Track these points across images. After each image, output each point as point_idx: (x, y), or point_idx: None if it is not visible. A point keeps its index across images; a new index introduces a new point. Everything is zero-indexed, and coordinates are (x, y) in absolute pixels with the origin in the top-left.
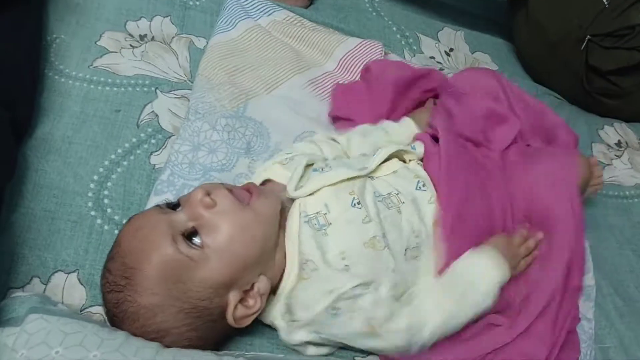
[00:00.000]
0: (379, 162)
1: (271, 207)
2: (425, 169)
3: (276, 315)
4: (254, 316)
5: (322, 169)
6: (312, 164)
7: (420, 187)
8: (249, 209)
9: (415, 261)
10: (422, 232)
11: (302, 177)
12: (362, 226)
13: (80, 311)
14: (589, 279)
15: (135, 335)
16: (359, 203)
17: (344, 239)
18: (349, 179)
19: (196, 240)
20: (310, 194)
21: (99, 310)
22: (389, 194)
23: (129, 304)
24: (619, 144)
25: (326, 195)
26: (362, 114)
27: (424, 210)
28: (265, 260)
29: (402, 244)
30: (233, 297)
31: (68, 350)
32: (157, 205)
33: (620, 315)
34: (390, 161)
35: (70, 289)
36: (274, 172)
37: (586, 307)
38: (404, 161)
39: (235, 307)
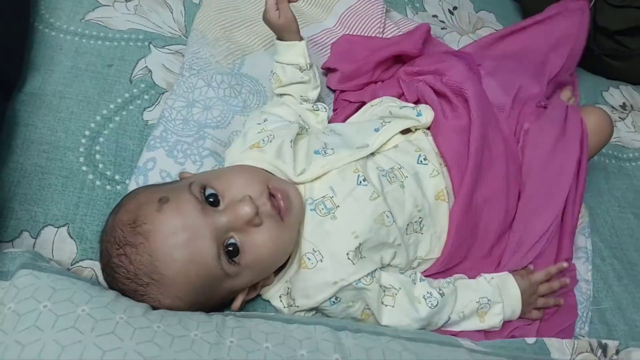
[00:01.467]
0: (382, 143)
1: (301, 215)
2: (437, 144)
3: (274, 296)
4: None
5: (325, 152)
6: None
7: (421, 161)
8: (285, 228)
9: (416, 234)
10: (425, 207)
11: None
12: (370, 203)
13: (71, 265)
14: (585, 242)
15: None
16: (364, 180)
17: (354, 217)
18: None
19: (236, 258)
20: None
21: (90, 265)
22: (392, 168)
23: (150, 300)
24: (623, 106)
25: (331, 178)
26: (346, 62)
27: (426, 184)
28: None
29: (404, 219)
30: (242, 292)
31: (56, 305)
32: (191, 191)
33: (618, 278)
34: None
35: (61, 243)
36: (252, 158)
37: (584, 269)
38: (409, 129)
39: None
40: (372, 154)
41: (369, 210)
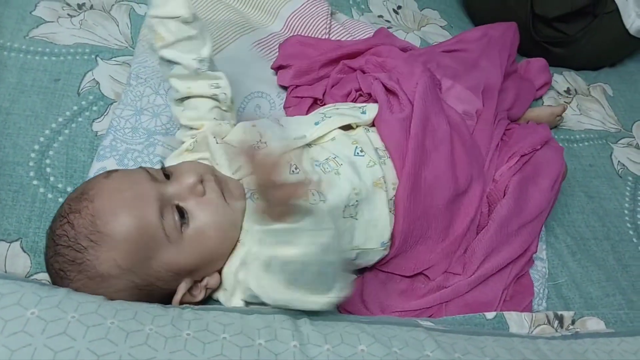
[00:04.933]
0: (319, 135)
1: (242, 203)
2: (380, 136)
3: (218, 294)
4: (195, 301)
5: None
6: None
7: (358, 153)
8: (229, 209)
9: (352, 219)
10: (362, 190)
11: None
12: None
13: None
14: None
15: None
16: (296, 168)
17: None
18: None
19: (182, 220)
20: None
21: (44, 277)
22: (327, 159)
23: (87, 268)
24: (568, 91)
25: None
26: (300, 59)
27: (363, 172)
28: (225, 256)
29: (341, 200)
30: (184, 285)
31: (4, 310)
32: (143, 168)
33: (571, 254)
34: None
35: (14, 257)
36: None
37: (539, 248)
38: (350, 126)
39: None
40: (309, 145)
41: None
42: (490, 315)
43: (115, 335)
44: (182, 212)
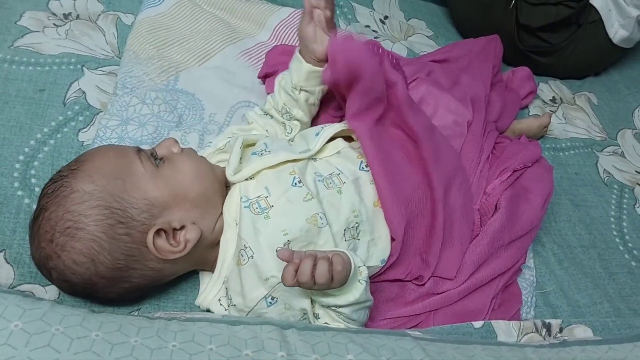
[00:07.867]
0: (322, 145)
1: (223, 172)
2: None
3: (213, 301)
4: (176, 255)
5: (261, 153)
6: (253, 144)
7: (363, 168)
8: (207, 161)
9: (354, 241)
10: (362, 213)
11: (241, 159)
12: (303, 204)
13: None
14: None
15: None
16: (300, 182)
17: (287, 217)
18: (289, 161)
19: (158, 161)
20: (251, 178)
21: (28, 289)
22: (331, 174)
23: (64, 189)
24: (553, 100)
25: (267, 179)
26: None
27: (366, 190)
28: (203, 211)
29: (340, 224)
30: (159, 223)
31: None
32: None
33: (559, 262)
34: (335, 141)
35: None
36: (217, 159)
37: (527, 257)
38: (352, 138)
39: (158, 233)
40: (314, 159)
41: (302, 210)
42: (478, 324)
43: (100, 348)
44: (159, 159)
